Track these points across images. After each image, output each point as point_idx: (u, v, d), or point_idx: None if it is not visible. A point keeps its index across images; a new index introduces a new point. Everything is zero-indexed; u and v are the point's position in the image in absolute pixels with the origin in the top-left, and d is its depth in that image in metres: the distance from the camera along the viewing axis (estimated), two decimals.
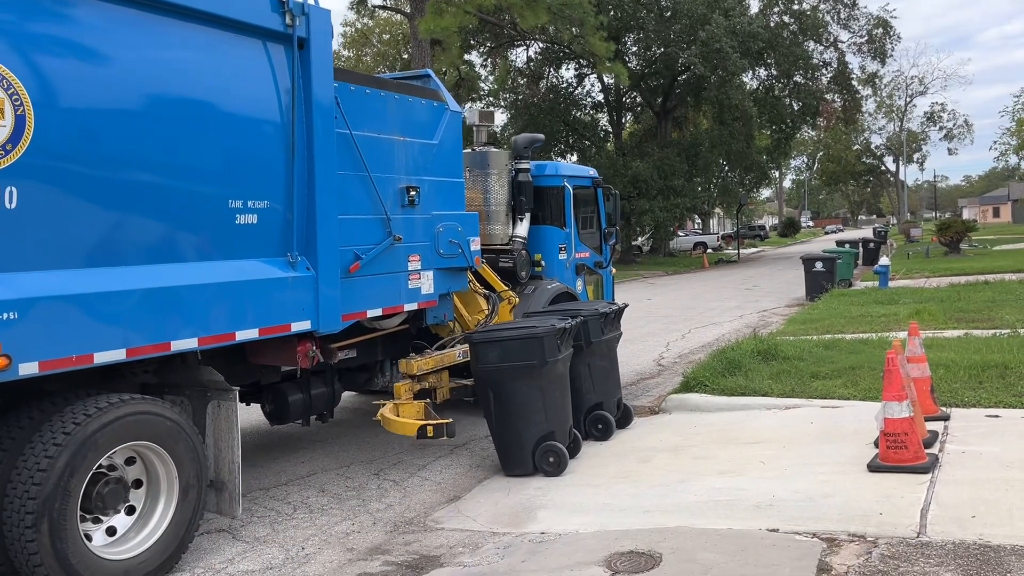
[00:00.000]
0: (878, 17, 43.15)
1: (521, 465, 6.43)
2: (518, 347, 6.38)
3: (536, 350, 6.36)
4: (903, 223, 64.46)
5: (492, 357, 6.45)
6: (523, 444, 6.41)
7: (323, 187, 5.71)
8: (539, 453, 6.41)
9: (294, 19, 5.49)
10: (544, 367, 6.38)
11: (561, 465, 6.37)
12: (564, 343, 6.72)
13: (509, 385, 6.45)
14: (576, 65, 40.99)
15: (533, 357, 6.36)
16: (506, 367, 6.41)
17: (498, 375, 6.47)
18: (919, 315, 13.02)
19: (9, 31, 4.02)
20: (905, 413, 5.58)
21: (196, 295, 4.87)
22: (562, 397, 6.75)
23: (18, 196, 4.01)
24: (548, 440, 6.44)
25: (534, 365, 6.36)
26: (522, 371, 6.38)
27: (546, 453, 6.41)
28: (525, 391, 6.42)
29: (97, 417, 4.32)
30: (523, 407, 6.43)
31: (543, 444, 6.42)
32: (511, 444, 6.47)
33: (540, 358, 6.36)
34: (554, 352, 6.47)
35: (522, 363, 6.37)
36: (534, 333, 6.40)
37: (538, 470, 6.38)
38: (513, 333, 6.52)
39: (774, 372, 8.95)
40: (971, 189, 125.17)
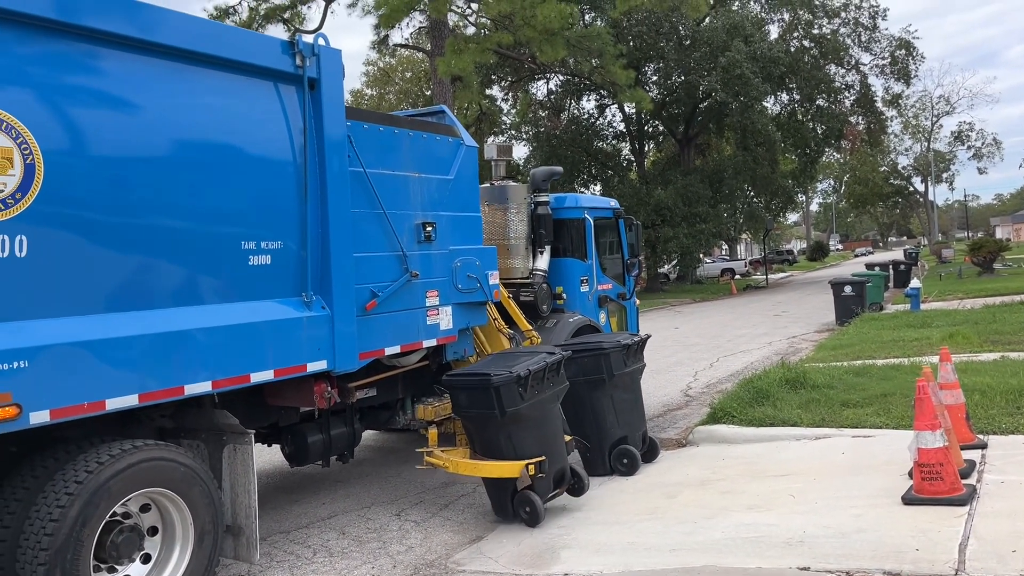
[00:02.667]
0: (900, 38, 42.90)
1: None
2: (476, 395, 6.13)
3: (491, 399, 6.02)
4: (934, 244, 63.57)
5: (460, 400, 6.31)
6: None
7: (337, 226, 5.70)
8: (517, 501, 6.09)
9: (304, 60, 5.52)
10: (506, 416, 6.02)
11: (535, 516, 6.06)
12: (535, 387, 6.22)
13: (476, 432, 6.29)
14: (597, 96, 41.14)
15: (491, 406, 6.03)
16: (473, 414, 6.23)
17: (464, 422, 6.43)
18: (953, 338, 12.72)
19: (19, 80, 4.06)
20: (939, 443, 5.39)
21: (209, 338, 4.84)
22: (542, 438, 6.32)
23: (28, 244, 4.02)
24: (524, 492, 6.06)
25: (494, 414, 6.06)
26: (484, 418, 6.14)
27: (522, 502, 6.08)
28: (491, 435, 6.18)
29: (110, 465, 4.28)
30: (493, 452, 6.19)
31: (517, 496, 6.10)
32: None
33: (499, 407, 6.00)
34: (515, 401, 6.02)
35: (482, 411, 6.12)
36: (487, 382, 6.03)
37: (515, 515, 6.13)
38: (464, 380, 6.28)
39: (803, 401, 8.75)
40: (1003, 207, 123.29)
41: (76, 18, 4.32)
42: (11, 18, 4.05)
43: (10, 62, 4.05)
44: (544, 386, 6.35)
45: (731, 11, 39.11)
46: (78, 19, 4.33)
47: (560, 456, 6.43)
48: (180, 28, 4.82)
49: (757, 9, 42.24)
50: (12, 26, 4.06)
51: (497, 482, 6.18)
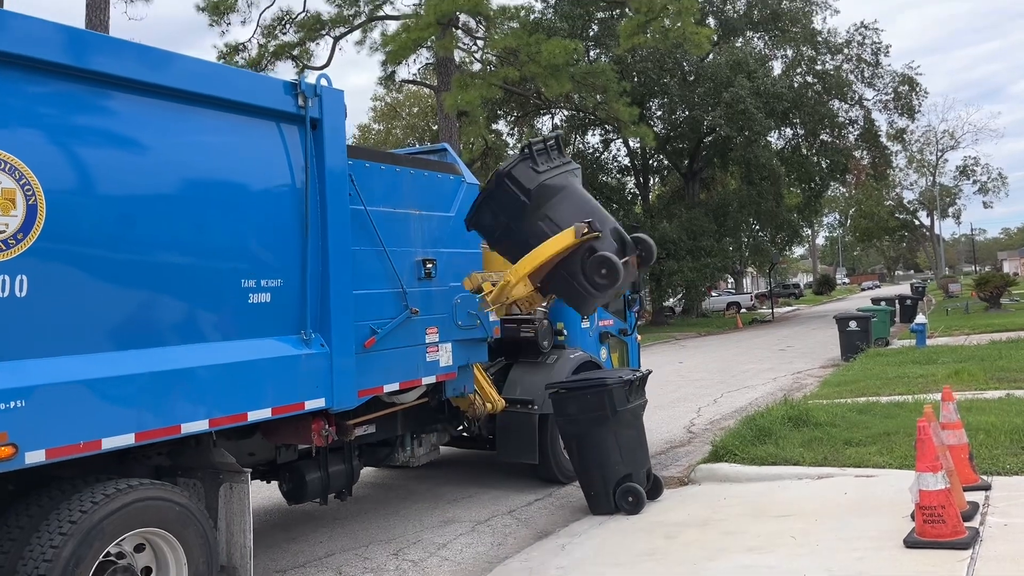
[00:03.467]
0: (903, 74, 43.22)
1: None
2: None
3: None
4: (941, 278, 63.38)
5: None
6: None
7: (337, 264, 5.73)
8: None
9: (307, 100, 5.59)
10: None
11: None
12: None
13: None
14: (602, 131, 41.46)
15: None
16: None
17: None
18: (958, 375, 12.64)
19: (22, 122, 4.12)
20: (941, 485, 5.33)
21: (207, 376, 4.85)
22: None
23: (28, 284, 4.05)
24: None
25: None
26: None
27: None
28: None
29: (104, 504, 4.27)
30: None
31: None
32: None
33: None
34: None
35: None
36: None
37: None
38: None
39: (806, 439, 8.68)
40: (1010, 242, 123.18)
41: (84, 62, 4.40)
42: (16, 62, 4.12)
43: (14, 104, 4.11)
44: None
45: (734, 48, 39.52)
46: (86, 63, 4.41)
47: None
48: (182, 70, 4.90)
49: (760, 46, 42.68)
50: (17, 69, 4.13)
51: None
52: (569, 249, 6.57)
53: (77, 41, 4.43)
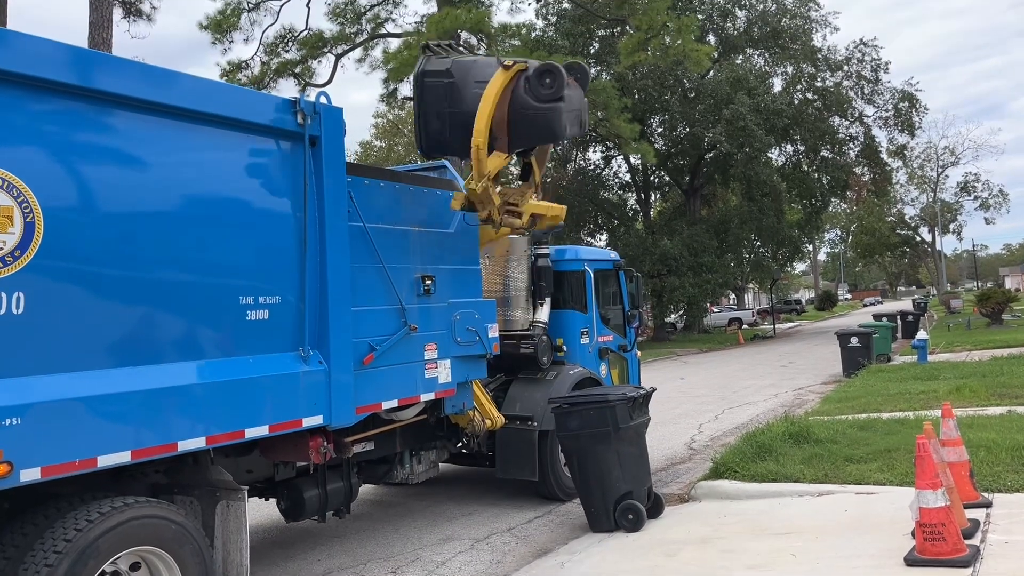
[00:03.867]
0: (902, 91, 43.33)
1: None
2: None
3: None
4: (943, 294, 63.35)
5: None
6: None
7: (335, 280, 5.73)
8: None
9: (306, 118, 5.61)
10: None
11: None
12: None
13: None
14: (603, 148, 41.57)
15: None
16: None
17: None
18: (960, 391, 12.60)
19: (21, 140, 4.14)
20: (940, 502, 5.30)
21: (204, 394, 4.85)
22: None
23: (25, 301, 4.06)
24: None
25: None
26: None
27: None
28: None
29: (100, 523, 4.26)
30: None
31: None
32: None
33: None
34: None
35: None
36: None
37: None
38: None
39: (806, 456, 8.64)
40: (1012, 257, 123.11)
41: (85, 81, 4.43)
42: (17, 80, 4.14)
43: (13, 121, 4.13)
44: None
45: (734, 65, 39.71)
46: (87, 82, 4.44)
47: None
48: (182, 88, 4.93)
49: (760, 63, 42.88)
50: (18, 87, 4.16)
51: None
52: (506, 87, 6.73)
53: (79, 60, 4.46)
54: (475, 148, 6.72)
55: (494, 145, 6.92)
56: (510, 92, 6.80)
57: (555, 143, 7.55)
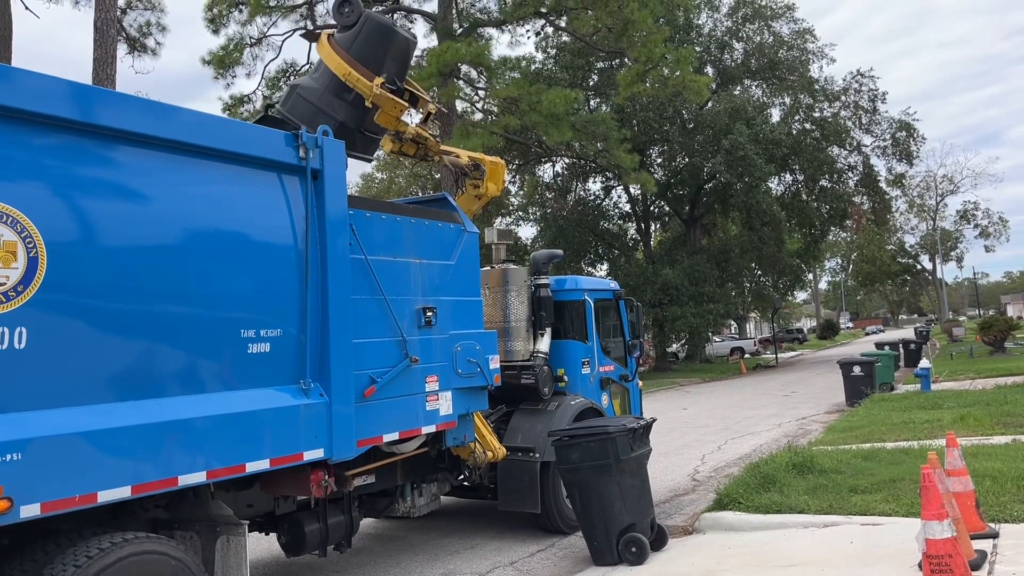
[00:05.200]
0: (900, 120, 43.67)
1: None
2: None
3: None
4: (945, 322, 63.21)
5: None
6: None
7: (337, 313, 5.74)
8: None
9: (307, 152, 5.67)
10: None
11: None
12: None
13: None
14: (603, 178, 41.80)
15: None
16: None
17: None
18: (964, 420, 12.54)
19: (25, 175, 4.17)
20: (947, 533, 5.25)
21: (205, 428, 4.83)
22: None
23: (27, 336, 4.06)
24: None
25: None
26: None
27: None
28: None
29: (99, 559, 4.22)
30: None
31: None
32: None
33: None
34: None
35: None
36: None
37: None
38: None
39: (811, 487, 8.58)
40: (1013, 285, 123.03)
41: (88, 116, 4.47)
42: (21, 116, 4.19)
43: (17, 157, 4.17)
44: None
45: (733, 95, 40.06)
46: (90, 117, 4.48)
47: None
48: (184, 123, 4.98)
49: (758, 94, 43.25)
50: (21, 123, 4.20)
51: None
52: (330, 47, 7.00)
53: (81, 95, 4.51)
54: (347, 78, 6.89)
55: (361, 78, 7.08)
56: (336, 47, 7.06)
57: (401, 43, 7.53)
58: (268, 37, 28.62)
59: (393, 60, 7.31)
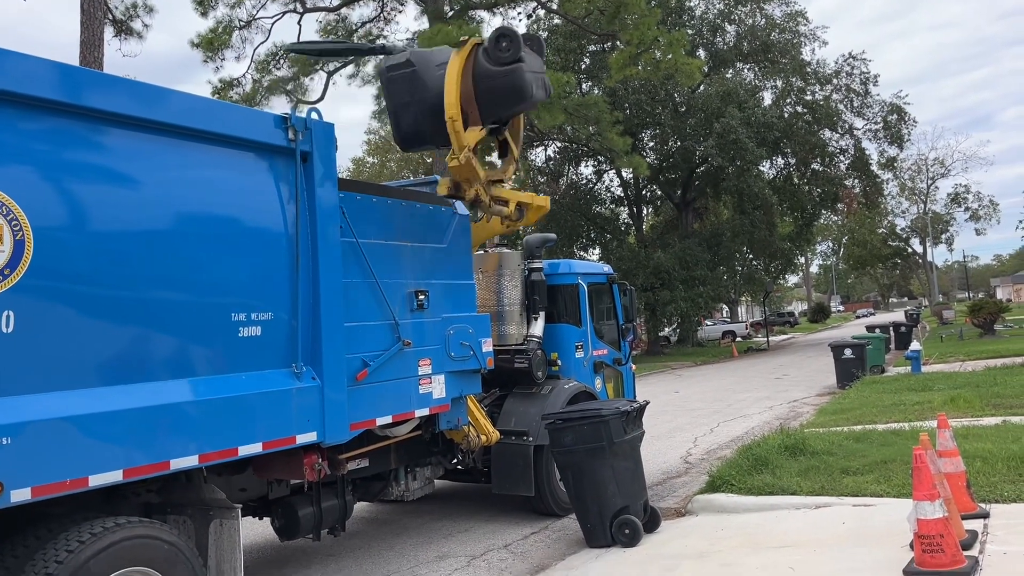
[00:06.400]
0: (891, 104, 43.64)
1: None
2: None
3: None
4: (935, 305, 63.57)
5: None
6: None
7: (328, 296, 5.70)
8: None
9: (297, 134, 5.60)
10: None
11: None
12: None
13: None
14: (595, 162, 41.74)
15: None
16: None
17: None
18: (954, 402, 12.61)
19: (10, 159, 4.11)
20: (939, 513, 5.28)
21: (197, 411, 4.80)
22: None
23: (15, 320, 4.02)
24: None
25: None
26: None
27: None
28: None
29: (91, 544, 4.20)
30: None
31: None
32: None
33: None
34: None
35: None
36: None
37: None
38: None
39: (803, 468, 8.62)
40: (1003, 268, 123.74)
41: (76, 99, 4.41)
42: (7, 98, 4.12)
43: (2, 140, 4.11)
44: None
45: (725, 79, 39.97)
46: (78, 100, 4.42)
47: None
48: (172, 105, 4.91)
49: (751, 77, 43.14)
50: (8, 105, 4.13)
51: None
52: (467, 61, 6.78)
53: (68, 78, 4.44)
54: (450, 121, 6.77)
55: (467, 121, 6.99)
56: (471, 65, 6.87)
57: (526, 107, 7.54)
58: (257, 20, 28.34)
59: (507, 114, 7.40)
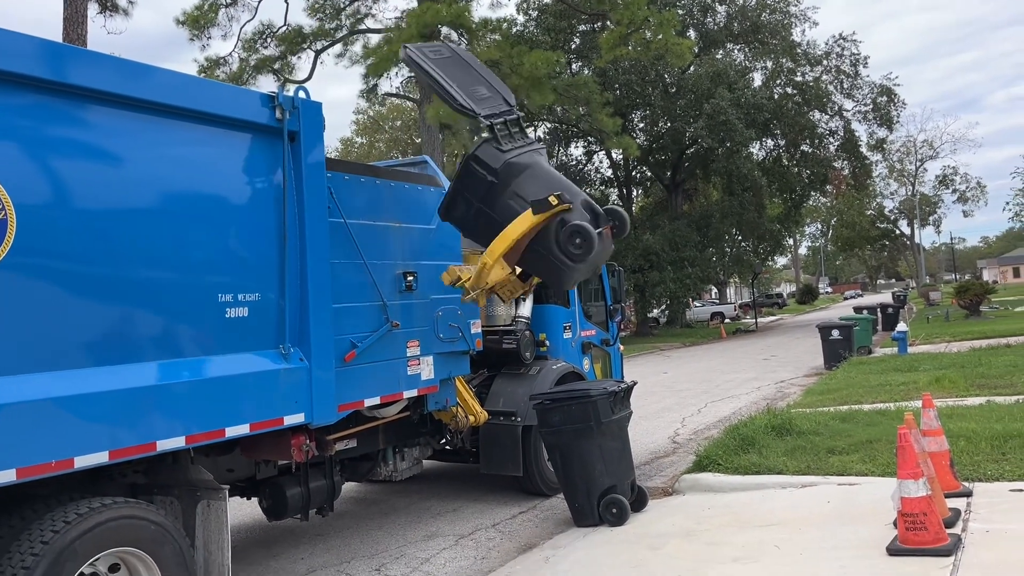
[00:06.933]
0: (881, 85, 43.73)
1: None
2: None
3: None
4: (922, 286, 63.96)
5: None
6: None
7: (316, 277, 5.67)
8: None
9: (284, 113, 5.55)
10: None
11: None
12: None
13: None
14: (585, 143, 41.63)
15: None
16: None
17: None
18: (939, 382, 12.71)
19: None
20: (922, 492, 5.33)
21: (183, 392, 4.78)
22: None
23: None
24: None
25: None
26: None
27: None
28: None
29: (77, 524, 4.19)
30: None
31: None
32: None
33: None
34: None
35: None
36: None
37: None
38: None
39: (789, 448, 8.68)
40: (989, 250, 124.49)
41: (59, 75, 4.35)
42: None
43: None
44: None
45: (715, 59, 39.87)
46: (61, 76, 4.36)
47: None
48: (159, 83, 4.86)
49: (741, 58, 43.08)
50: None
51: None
52: (541, 223, 6.44)
53: (51, 54, 4.38)
54: (483, 264, 6.57)
55: (505, 256, 6.67)
56: (538, 228, 6.49)
57: (555, 289, 7.53)
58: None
59: (539, 280, 7.29)
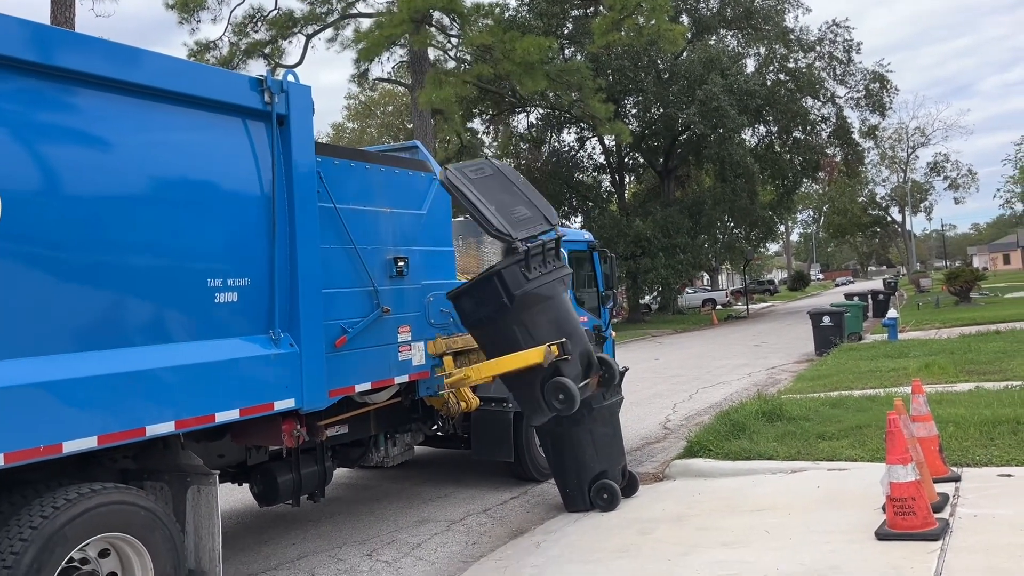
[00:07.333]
0: (874, 72, 43.67)
1: None
2: (480, 292, 6.69)
3: (496, 289, 6.51)
4: (913, 273, 64.19)
5: (466, 308, 6.80)
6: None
7: (306, 262, 5.65)
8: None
9: (273, 97, 5.51)
10: (515, 301, 6.54)
11: None
12: (538, 267, 6.72)
13: (489, 337, 6.87)
14: (577, 129, 41.53)
15: (499, 296, 6.59)
16: (483, 314, 6.74)
17: (476, 333, 6.97)
18: (929, 368, 12.78)
19: None
20: (911, 477, 5.36)
21: (173, 377, 4.76)
22: (558, 323, 6.83)
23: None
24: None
25: (502, 303, 6.59)
26: (494, 315, 6.69)
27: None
28: (502, 330, 6.74)
29: (66, 509, 4.18)
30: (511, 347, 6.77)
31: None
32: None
33: (506, 293, 6.54)
34: (519, 283, 6.55)
35: (492, 307, 6.64)
36: (490, 271, 6.62)
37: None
38: (465, 286, 6.87)
39: (779, 434, 8.72)
40: (980, 237, 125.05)
41: (46, 58, 4.30)
42: None
43: None
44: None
45: (708, 45, 39.76)
46: (48, 59, 4.31)
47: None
48: (146, 66, 4.81)
49: (734, 43, 42.98)
50: None
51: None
52: (536, 364, 6.47)
53: (39, 36, 4.33)
54: (467, 376, 6.72)
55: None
56: (528, 366, 6.52)
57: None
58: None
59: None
